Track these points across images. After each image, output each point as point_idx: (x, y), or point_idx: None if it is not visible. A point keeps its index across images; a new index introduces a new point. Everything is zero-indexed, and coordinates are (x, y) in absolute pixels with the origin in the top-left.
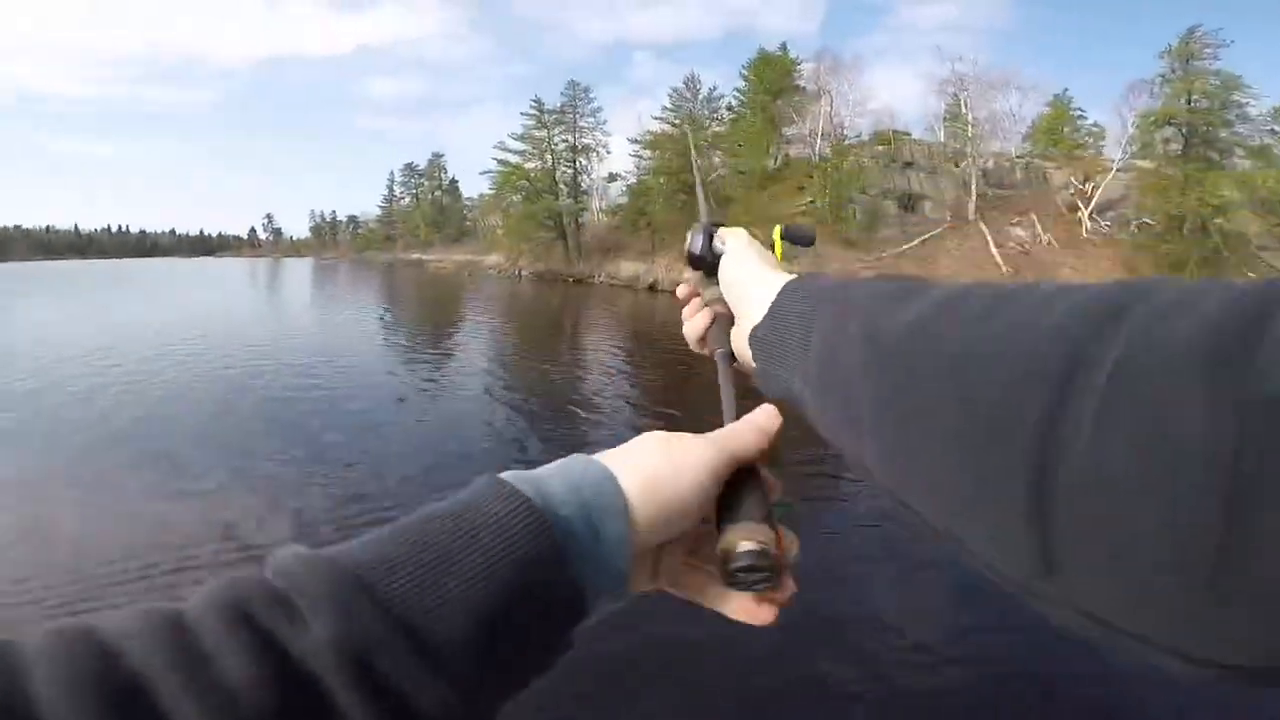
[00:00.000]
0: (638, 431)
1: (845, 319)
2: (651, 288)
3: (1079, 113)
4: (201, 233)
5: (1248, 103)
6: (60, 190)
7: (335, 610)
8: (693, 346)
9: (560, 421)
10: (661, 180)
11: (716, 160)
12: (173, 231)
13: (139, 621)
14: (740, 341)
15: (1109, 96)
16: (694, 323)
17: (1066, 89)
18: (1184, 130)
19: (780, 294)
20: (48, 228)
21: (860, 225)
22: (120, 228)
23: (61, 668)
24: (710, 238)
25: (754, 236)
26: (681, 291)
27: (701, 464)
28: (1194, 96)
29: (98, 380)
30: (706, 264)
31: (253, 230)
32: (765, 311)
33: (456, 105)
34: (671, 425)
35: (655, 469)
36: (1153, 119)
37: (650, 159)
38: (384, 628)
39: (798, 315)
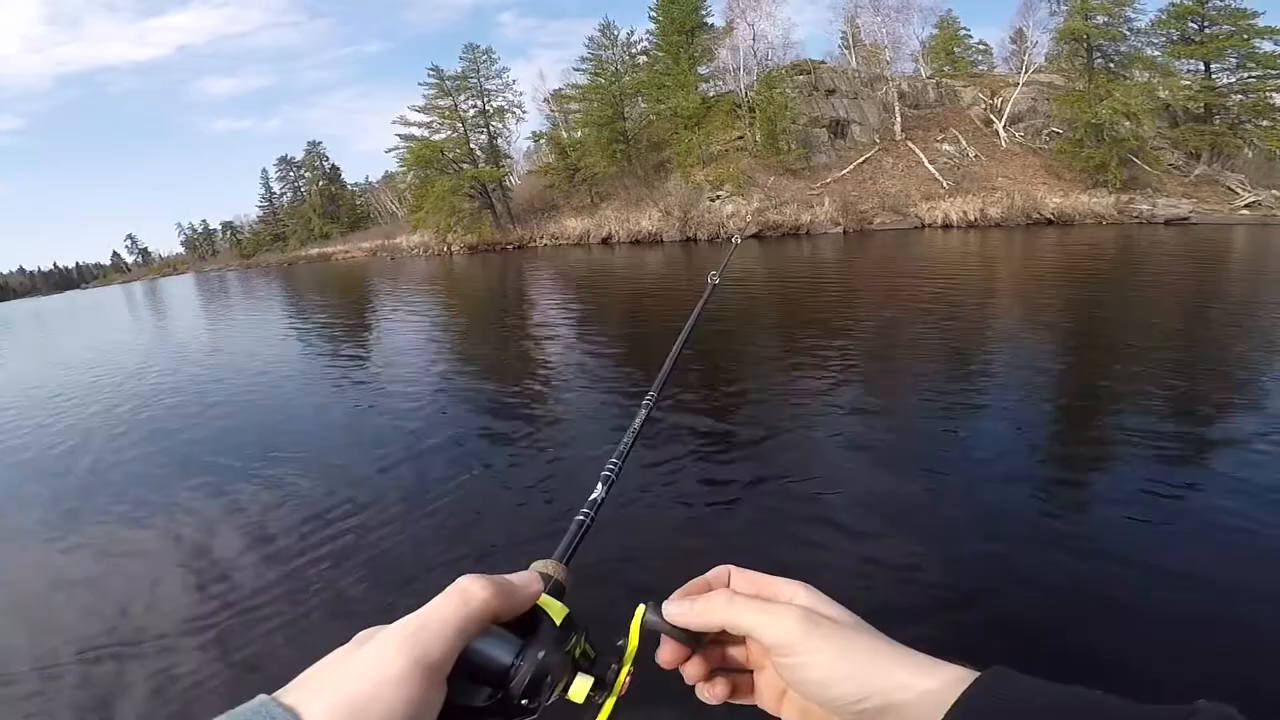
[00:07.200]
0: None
1: None
2: (605, 241)
3: (965, 31)
4: (56, 266)
5: (1135, 17)
6: None
7: None
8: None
9: (526, 396)
10: (591, 132)
11: (643, 105)
12: (21, 269)
13: None
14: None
15: (992, 14)
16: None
17: (950, 9)
18: (1086, 45)
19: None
20: None
21: (797, 154)
22: None
23: None
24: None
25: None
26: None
27: (398, 683)
28: (1090, 13)
29: None
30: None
31: (116, 255)
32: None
33: (311, 93)
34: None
35: (348, 706)
36: (1058, 36)
37: (574, 114)
38: None
39: None
